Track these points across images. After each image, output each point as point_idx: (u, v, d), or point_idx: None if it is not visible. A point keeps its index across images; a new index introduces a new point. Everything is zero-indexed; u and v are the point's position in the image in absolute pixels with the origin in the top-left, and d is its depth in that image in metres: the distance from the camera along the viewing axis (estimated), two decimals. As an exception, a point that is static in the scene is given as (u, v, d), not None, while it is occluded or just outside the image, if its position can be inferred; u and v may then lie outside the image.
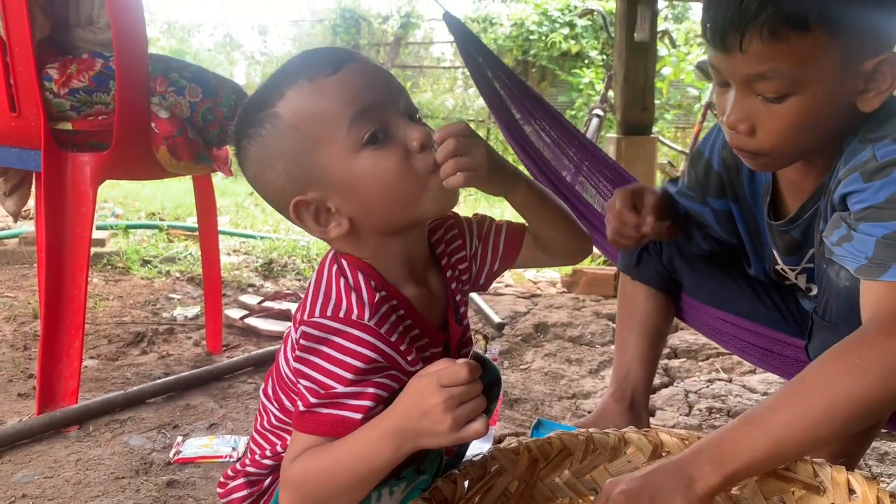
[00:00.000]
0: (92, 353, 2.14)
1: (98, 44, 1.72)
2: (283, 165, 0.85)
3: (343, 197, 0.85)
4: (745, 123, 1.02)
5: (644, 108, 3.43)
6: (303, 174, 0.84)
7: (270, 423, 0.94)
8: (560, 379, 2.08)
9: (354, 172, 0.83)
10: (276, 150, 0.84)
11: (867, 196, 0.94)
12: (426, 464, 0.87)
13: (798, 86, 0.97)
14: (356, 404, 0.81)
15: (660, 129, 7.97)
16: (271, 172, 0.86)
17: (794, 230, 1.20)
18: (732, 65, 0.99)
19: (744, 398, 1.91)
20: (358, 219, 0.86)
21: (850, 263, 0.94)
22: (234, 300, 2.73)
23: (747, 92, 1.01)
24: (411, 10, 9.39)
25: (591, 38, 8.64)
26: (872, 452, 1.60)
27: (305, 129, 0.83)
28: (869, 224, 0.92)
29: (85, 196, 1.68)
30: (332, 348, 0.82)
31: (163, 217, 4.53)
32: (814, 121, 1.00)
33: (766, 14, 0.93)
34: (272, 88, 0.85)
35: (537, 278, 3.47)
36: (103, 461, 1.47)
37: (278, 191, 0.87)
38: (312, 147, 0.83)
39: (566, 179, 2.19)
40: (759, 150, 1.04)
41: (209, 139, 1.83)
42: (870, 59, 0.97)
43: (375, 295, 0.85)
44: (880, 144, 0.97)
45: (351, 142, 0.82)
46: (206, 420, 1.70)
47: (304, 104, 0.83)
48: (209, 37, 11.36)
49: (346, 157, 0.83)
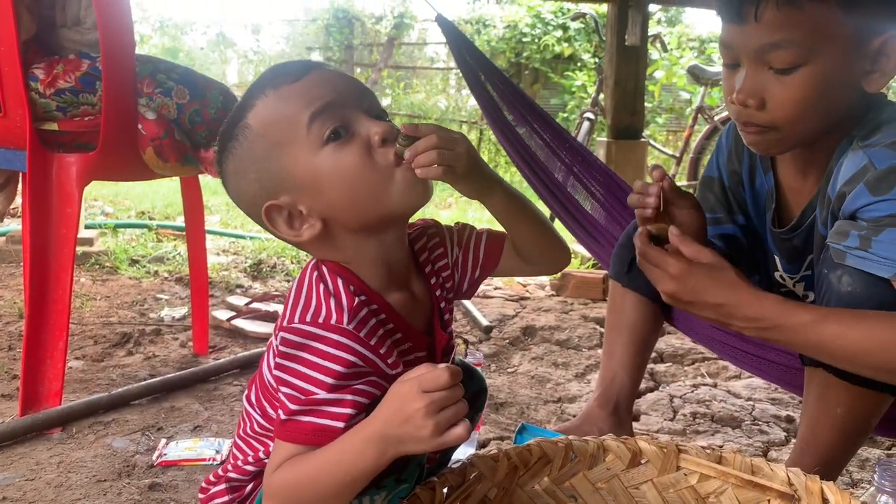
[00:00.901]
0: (77, 354, 2.13)
1: (85, 44, 1.72)
2: (255, 174, 0.86)
3: (311, 197, 0.86)
4: (755, 97, 1.05)
5: (634, 113, 3.45)
6: (272, 179, 0.86)
7: (253, 429, 0.94)
8: (546, 382, 2.08)
9: (318, 170, 0.84)
10: (247, 160, 0.87)
11: (884, 206, 0.96)
12: (407, 473, 0.87)
13: (810, 55, 1.00)
14: (337, 412, 0.81)
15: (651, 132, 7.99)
16: (245, 182, 0.88)
17: (797, 237, 1.21)
18: (746, 37, 1.02)
19: (728, 403, 1.92)
20: (329, 218, 0.87)
21: (882, 270, 0.96)
22: (222, 301, 2.73)
23: (759, 65, 1.04)
24: (405, 10, 9.38)
25: (583, 41, 8.66)
26: (854, 459, 1.61)
27: (271, 135, 0.85)
28: (893, 231, 0.95)
29: (70, 197, 1.68)
30: (311, 354, 0.82)
31: (153, 216, 4.52)
32: (822, 95, 1.03)
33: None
34: (244, 102, 0.88)
35: (526, 281, 3.47)
36: (86, 463, 1.47)
37: (252, 199, 0.88)
38: (278, 151, 0.85)
39: (558, 181, 2.20)
40: (770, 123, 1.06)
41: (196, 141, 1.82)
42: (877, 37, 1.00)
43: (355, 299, 0.86)
44: (874, 151, 1.00)
45: (312, 140, 0.84)
46: (191, 422, 1.70)
47: (268, 111, 0.85)
48: (202, 35, 11.33)
49: (310, 156, 0.84)
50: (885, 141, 1.00)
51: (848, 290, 1.00)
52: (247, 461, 0.95)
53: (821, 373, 1.09)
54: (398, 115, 9.29)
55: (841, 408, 1.09)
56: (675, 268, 1.00)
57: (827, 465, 1.13)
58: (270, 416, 0.91)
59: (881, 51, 1.01)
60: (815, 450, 1.13)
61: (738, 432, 1.76)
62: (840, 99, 1.05)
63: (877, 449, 1.66)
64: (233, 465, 0.96)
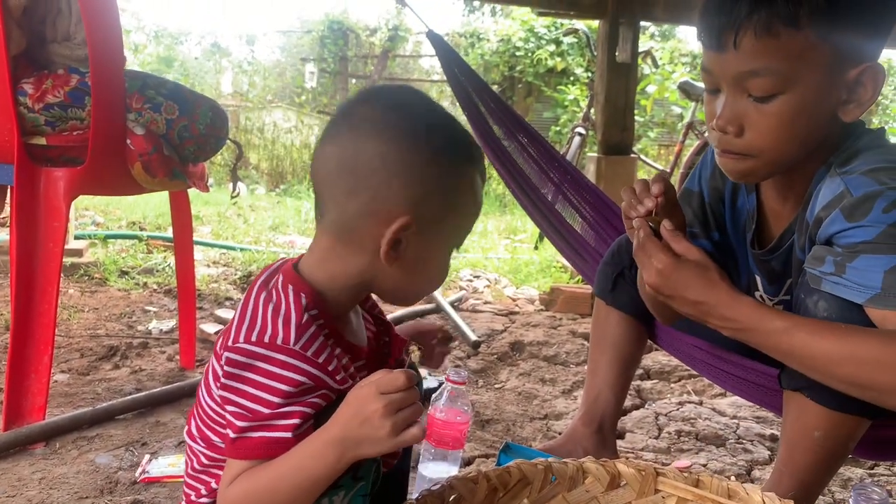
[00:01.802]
0: (63, 367, 2.12)
1: (74, 59, 1.72)
2: (428, 193, 0.87)
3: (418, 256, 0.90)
4: (734, 124, 1.06)
5: (624, 129, 3.47)
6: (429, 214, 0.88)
7: (201, 463, 0.93)
8: (533, 399, 2.09)
9: (439, 255, 0.93)
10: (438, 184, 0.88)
11: (858, 232, 0.97)
12: (363, 470, 0.87)
13: (787, 84, 1.01)
14: (285, 423, 0.82)
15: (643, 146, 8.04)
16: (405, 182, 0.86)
17: (775, 260, 1.22)
18: (726, 64, 1.04)
19: (713, 421, 1.93)
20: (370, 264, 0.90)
21: (855, 296, 0.97)
22: (211, 314, 2.72)
23: (738, 92, 1.05)
24: (399, 23, 9.43)
25: (576, 55, 8.72)
26: (836, 478, 1.62)
27: (463, 201, 0.91)
28: (867, 258, 0.96)
29: (58, 211, 1.68)
30: (257, 374, 0.82)
31: (144, 227, 4.51)
32: (799, 123, 1.04)
33: (760, 12, 0.98)
34: (463, 135, 0.92)
35: (516, 295, 3.48)
36: (68, 480, 1.46)
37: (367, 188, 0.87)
38: (454, 216, 0.91)
39: (547, 198, 2.21)
40: (747, 150, 1.08)
41: (185, 156, 1.83)
42: (854, 68, 1.01)
43: (304, 315, 0.86)
44: (851, 179, 1.02)
45: (458, 241, 0.94)
46: (176, 437, 1.69)
47: (474, 188, 0.91)
48: (196, 45, 11.34)
49: (450, 244, 0.93)
50: (862, 168, 1.02)
51: (824, 315, 1.01)
52: (200, 495, 0.94)
53: (799, 397, 1.09)
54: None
55: (819, 431, 1.09)
56: (662, 261, 1.03)
57: (805, 487, 1.14)
58: (216, 444, 0.90)
59: (858, 80, 1.02)
60: (794, 473, 1.14)
61: (722, 451, 1.77)
62: (817, 127, 1.06)
63: (859, 468, 1.67)
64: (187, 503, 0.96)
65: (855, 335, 0.95)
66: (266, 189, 8.34)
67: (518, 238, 5.30)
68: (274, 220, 5.42)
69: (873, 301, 0.95)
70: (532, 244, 4.65)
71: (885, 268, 0.95)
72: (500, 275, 3.86)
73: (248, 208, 6.02)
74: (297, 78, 10.67)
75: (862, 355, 0.93)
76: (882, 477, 1.64)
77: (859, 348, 0.93)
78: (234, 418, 0.82)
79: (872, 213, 0.97)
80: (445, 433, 1.52)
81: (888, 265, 0.94)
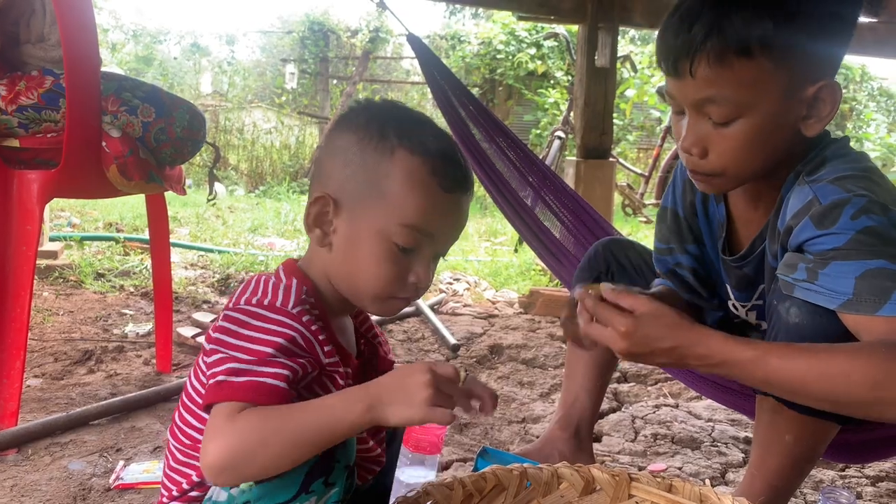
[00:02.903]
0: (36, 372, 2.10)
1: (49, 61, 1.70)
2: (352, 169, 0.93)
3: (347, 227, 0.93)
4: (698, 146, 1.08)
5: (603, 133, 3.50)
6: (355, 187, 0.92)
7: (177, 460, 0.93)
8: (511, 402, 2.09)
9: (368, 242, 0.92)
10: (364, 159, 0.92)
11: (828, 239, 0.99)
12: (334, 475, 0.87)
13: (744, 109, 1.03)
14: (274, 372, 0.82)
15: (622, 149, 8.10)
16: (339, 164, 0.94)
17: (747, 266, 1.24)
18: (684, 90, 1.05)
19: (688, 424, 1.95)
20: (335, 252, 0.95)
21: (828, 302, 0.98)
22: (188, 317, 2.71)
23: (699, 116, 1.07)
24: (381, 24, 9.41)
25: (557, 58, 8.77)
26: (809, 480, 1.64)
27: (396, 176, 0.91)
28: (838, 264, 0.97)
29: (31, 214, 1.66)
30: (252, 330, 0.85)
31: (121, 228, 4.47)
32: (760, 143, 1.06)
33: (713, 41, 0.99)
34: (420, 132, 0.93)
35: (496, 298, 3.49)
36: (40, 487, 1.44)
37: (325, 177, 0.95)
38: (387, 186, 0.91)
39: (526, 203, 2.23)
40: (712, 171, 1.10)
41: (162, 159, 1.81)
42: (811, 85, 1.03)
43: (301, 296, 0.91)
44: (819, 187, 1.03)
45: (391, 230, 0.91)
46: (151, 443, 1.68)
47: (410, 174, 0.91)
48: (176, 45, 11.24)
49: (377, 229, 0.92)
50: (830, 177, 1.03)
51: (796, 322, 1.03)
52: (181, 489, 0.93)
53: (770, 401, 1.11)
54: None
55: (789, 435, 1.11)
56: (624, 324, 1.00)
57: (777, 490, 1.15)
58: (197, 428, 0.90)
59: (816, 97, 1.04)
60: (765, 476, 1.16)
61: (697, 454, 1.78)
62: (780, 144, 1.08)
63: (831, 470, 1.70)
64: (168, 497, 0.95)
65: (823, 354, 0.95)
66: (245, 190, 8.29)
67: (498, 241, 5.32)
68: (253, 221, 5.39)
69: (845, 307, 0.97)
70: (512, 247, 4.68)
71: (855, 274, 0.96)
72: (479, 277, 3.87)
73: (227, 210, 5.98)
74: (278, 78, 10.62)
75: (833, 373, 0.93)
76: (853, 479, 1.67)
77: (829, 367, 0.93)
78: (221, 364, 0.82)
79: (841, 220, 0.98)
80: (423, 438, 1.52)
81: (859, 271, 0.96)
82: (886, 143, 8.52)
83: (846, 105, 10.29)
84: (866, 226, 0.96)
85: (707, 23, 0.99)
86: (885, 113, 10.74)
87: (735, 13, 0.98)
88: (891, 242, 0.96)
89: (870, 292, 0.94)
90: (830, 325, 0.99)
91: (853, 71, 10.38)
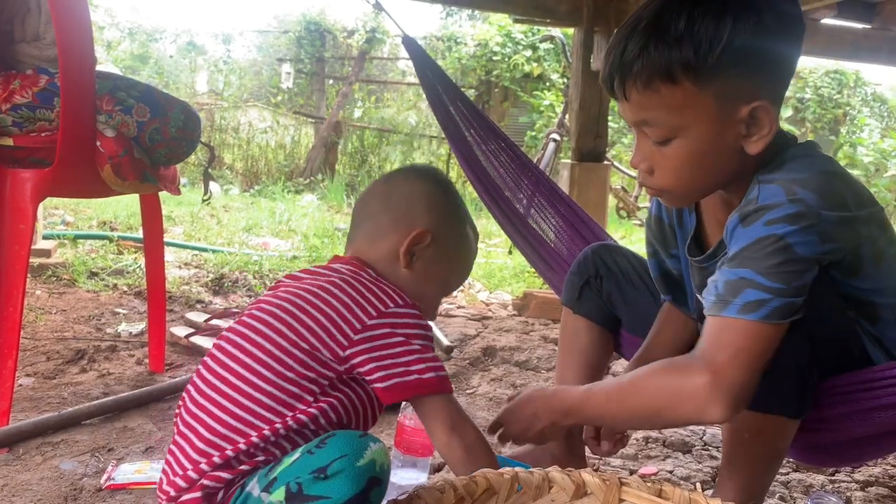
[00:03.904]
0: (28, 371, 2.09)
1: (43, 59, 1.70)
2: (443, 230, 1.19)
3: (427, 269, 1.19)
4: (644, 164, 1.11)
5: (598, 136, 3.50)
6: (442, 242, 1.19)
7: (225, 425, 1.01)
8: (504, 404, 2.09)
9: (437, 279, 1.21)
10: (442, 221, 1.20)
11: (737, 240, 1.02)
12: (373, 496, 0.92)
13: (677, 131, 1.05)
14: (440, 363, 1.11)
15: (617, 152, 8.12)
16: (434, 213, 1.19)
17: (712, 266, 1.24)
18: (624, 111, 1.09)
19: (680, 428, 1.95)
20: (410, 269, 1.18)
21: (706, 304, 1.04)
22: (182, 317, 2.70)
23: (642, 135, 1.10)
24: (377, 25, 9.40)
25: (552, 61, 8.78)
26: (798, 485, 1.65)
27: (462, 261, 1.25)
28: (726, 268, 1.02)
29: (24, 213, 1.66)
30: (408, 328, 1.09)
31: (115, 226, 4.45)
32: (701, 162, 1.07)
33: (639, 67, 1.02)
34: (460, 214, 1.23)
35: (489, 300, 3.50)
36: (31, 486, 1.44)
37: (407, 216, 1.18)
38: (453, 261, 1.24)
39: (518, 210, 2.23)
40: (660, 188, 1.13)
41: (156, 159, 1.82)
42: (743, 106, 1.02)
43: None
44: (766, 187, 1.03)
45: (452, 287, 1.29)
46: (143, 443, 1.67)
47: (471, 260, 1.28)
48: (171, 43, 11.21)
49: (445, 279, 1.24)
50: (781, 178, 1.02)
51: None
52: (223, 456, 0.98)
53: None
54: (368, 128, 9.31)
55: (748, 433, 1.13)
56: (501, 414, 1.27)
57: (746, 490, 1.17)
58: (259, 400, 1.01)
59: (753, 116, 1.03)
60: (732, 475, 1.18)
61: (688, 457, 1.79)
62: (723, 162, 1.08)
63: (821, 475, 1.71)
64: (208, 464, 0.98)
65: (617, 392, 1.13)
66: (240, 189, 8.28)
67: (492, 242, 5.32)
68: (247, 221, 5.38)
69: (708, 308, 1.03)
70: (506, 248, 4.68)
71: (727, 277, 1.01)
72: (473, 279, 3.88)
73: (222, 209, 5.97)
74: (274, 78, 10.61)
75: (633, 407, 1.11)
76: (842, 483, 1.68)
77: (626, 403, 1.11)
78: (416, 363, 1.06)
79: (756, 224, 0.99)
80: (415, 440, 1.53)
81: (731, 276, 1.00)
82: (879, 149, 8.56)
83: (840, 110, 10.34)
84: (774, 233, 0.98)
85: (636, 48, 1.01)
86: (879, 118, 10.80)
87: (660, 39, 1.00)
88: (787, 256, 0.97)
89: (728, 292, 1.00)
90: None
91: (847, 76, 10.42)
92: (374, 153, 9.01)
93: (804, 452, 1.26)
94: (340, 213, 6.48)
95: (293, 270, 3.91)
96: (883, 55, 3.67)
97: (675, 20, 0.99)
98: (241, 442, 0.99)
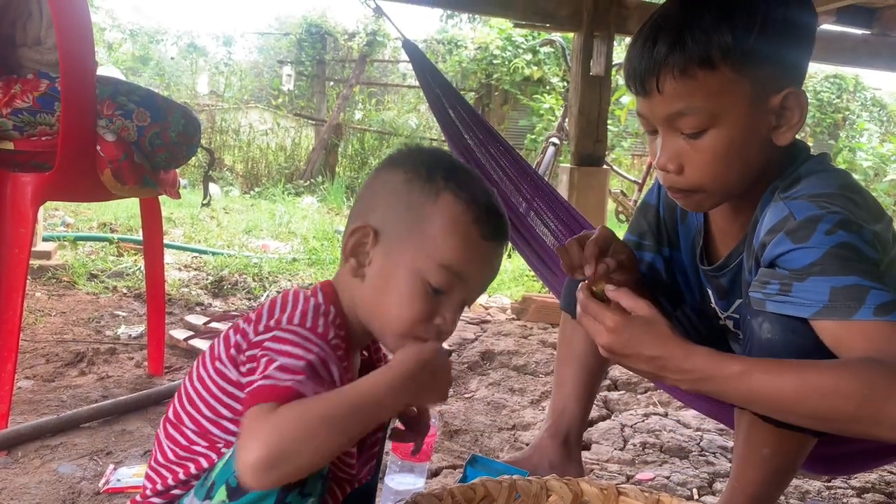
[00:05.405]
0: (28, 374, 2.09)
1: (44, 64, 1.71)
2: (394, 207, 0.94)
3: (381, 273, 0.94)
4: (673, 162, 1.10)
5: (597, 140, 3.50)
6: (397, 220, 0.93)
7: (168, 458, 0.94)
8: (502, 409, 2.10)
9: (403, 278, 0.92)
10: (409, 200, 0.93)
11: (804, 253, 1.00)
12: (309, 486, 0.87)
13: (714, 119, 1.05)
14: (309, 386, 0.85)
15: (616, 156, 8.13)
16: (383, 199, 0.95)
17: (723, 277, 1.25)
18: (654, 107, 1.08)
19: (677, 433, 1.96)
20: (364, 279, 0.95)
21: (802, 311, 0.98)
22: (181, 319, 2.70)
23: (671, 132, 1.09)
24: (378, 28, 9.41)
25: (553, 64, 8.79)
26: (795, 491, 1.66)
27: (432, 226, 0.92)
28: (814, 279, 0.98)
29: (24, 217, 1.66)
30: (292, 346, 0.86)
31: (115, 228, 4.45)
32: (734, 154, 1.08)
33: (675, 56, 1.03)
34: (467, 179, 0.95)
35: (488, 304, 3.50)
36: (29, 490, 1.45)
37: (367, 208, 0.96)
38: (417, 236, 0.92)
39: (518, 212, 2.23)
40: (691, 186, 1.12)
41: (156, 163, 1.82)
42: (776, 94, 1.05)
43: (337, 325, 0.93)
44: (794, 203, 1.04)
45: (427, 269, 0.92)
46: (142, 447, 1.68)
47: (453, 218, 0.92)
48: (173, 45, 11.21)
49: (413, 267, 0.92)
50: (805, 194, 1.04)
51: (768, 337, 1.04)
52: (166, 484, 0.94)
53: (748, 415, 1.12)
54: (369, 130, 9.31)
55: (767, 448, 1.12)
56: (612, 321, 1.01)
57: (756, 502, 1.17)
58: (194, 430, 0.92)
59: (783, 105, 1.06)
60: (745, 489, 1.17)
61: (685, 463, 1.80)
62: (754, 154, 1.09)
63: (817, 482, 1.71)
64: (152, 491, 0.95)
65: (809, 370, 0.93)
66: (240, 191, 8.28)
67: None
68: (248, 223, 5.38)
69: (820, 313, 0.97)
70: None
71: (831, 284, 0.97)
72: (472, 283, 3.88)
73: (222, 210, 5.97)
74: (275, 80, 10.60)
75: (820, 389, 0.92)
76: (839, 490, 1.68)
77: (816, 382, 0.92)
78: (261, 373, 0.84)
79: (815, 235, 0.99)
80: (412, 445, 1.53)
81: (836, 283, 0.97)
82: (878, 153, 8.57)
83: (839, 115, 10.36)
84: (842, 241, 0.98)
85: (669, 39, 1.03)
86: (878, 123, 10.82)
87: (695, 27, 1.02)
88: (864, 259, 0.97)
89: (846, 298, 0.95)
90: (803, 341, 1.00)
91: (847, 81, 10.44)
92: (374, 156, 9.01)
93: (810, 462, 1.26)
94: (340, 216, 6.48)
95: (292, 273, 3.88)
96: (882, 60, 3.68)
97: (708, 7, 1.02)
98: (180, 473, 0.94)
